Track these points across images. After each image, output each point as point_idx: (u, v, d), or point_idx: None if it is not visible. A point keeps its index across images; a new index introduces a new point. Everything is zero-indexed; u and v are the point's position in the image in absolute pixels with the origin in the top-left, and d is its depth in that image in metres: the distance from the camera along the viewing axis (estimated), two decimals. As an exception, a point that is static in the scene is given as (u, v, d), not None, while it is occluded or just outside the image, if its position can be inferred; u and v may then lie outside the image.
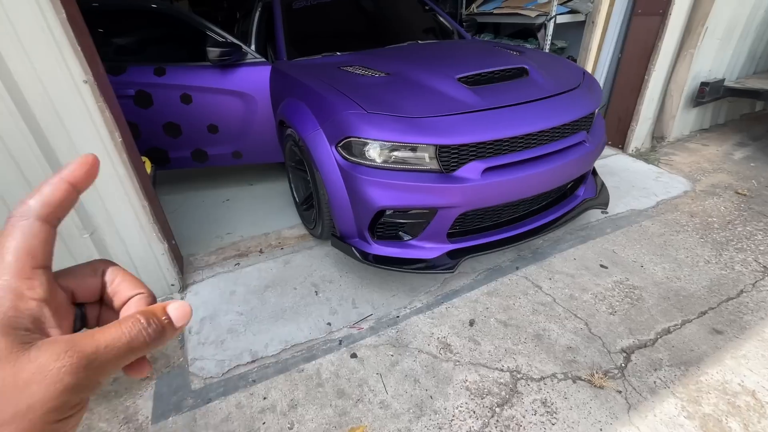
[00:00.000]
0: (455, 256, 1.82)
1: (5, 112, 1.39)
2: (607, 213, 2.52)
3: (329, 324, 1.82)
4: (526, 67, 2.02)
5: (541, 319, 1.78)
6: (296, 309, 1.92)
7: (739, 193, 2.71)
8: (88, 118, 1.54)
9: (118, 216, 1.76)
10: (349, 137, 1.70)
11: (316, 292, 2.02)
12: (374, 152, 1.68)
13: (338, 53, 2.51)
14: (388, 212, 1.76)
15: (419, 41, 2.78)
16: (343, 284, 2.06)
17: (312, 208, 2.23)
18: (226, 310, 1.93)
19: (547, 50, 3.68)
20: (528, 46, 3.76)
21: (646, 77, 3.08)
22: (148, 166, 2.32)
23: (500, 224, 1.97)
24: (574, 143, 1.88)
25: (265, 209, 2.83)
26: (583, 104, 1.92)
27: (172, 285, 2.04)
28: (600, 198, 2.26)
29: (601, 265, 2.09)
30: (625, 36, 3.22)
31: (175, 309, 0.29)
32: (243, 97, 2.57)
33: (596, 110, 2.04)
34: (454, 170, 1.68)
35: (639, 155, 3.33)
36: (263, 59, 2.57)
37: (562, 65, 2.28)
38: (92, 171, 0.29)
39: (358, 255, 1.86)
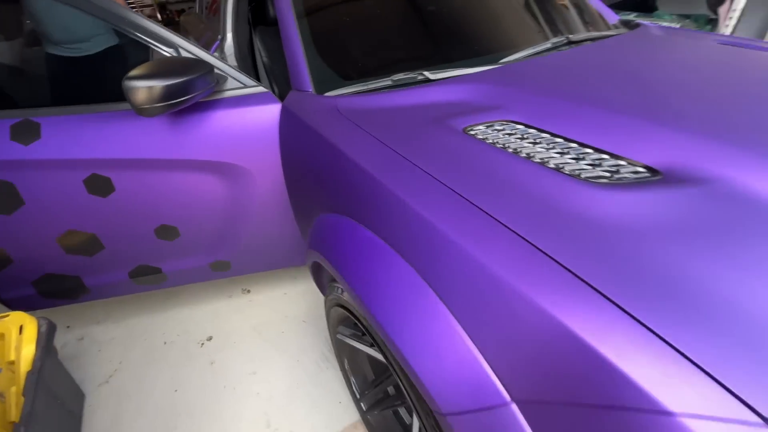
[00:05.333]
0: None
1: None
2: None
3: None
4: None
5: None
6: None
7: None
8: None
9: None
10: None
11: None
12: None
13: (426, 75, 1.17)
14: None
15: (571, 40, 1.34)
16: None
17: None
18: None
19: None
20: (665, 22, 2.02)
21: None
22: (32, 330, 1.17)
23: None
24: None
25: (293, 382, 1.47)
26: None
27: None
28: None
29: None
30: None
31: None
32: (224, 171, 1.27)
33: None
34: None
35: None
36: (262, 88, 1.25)
37: None
38: None
39: None
